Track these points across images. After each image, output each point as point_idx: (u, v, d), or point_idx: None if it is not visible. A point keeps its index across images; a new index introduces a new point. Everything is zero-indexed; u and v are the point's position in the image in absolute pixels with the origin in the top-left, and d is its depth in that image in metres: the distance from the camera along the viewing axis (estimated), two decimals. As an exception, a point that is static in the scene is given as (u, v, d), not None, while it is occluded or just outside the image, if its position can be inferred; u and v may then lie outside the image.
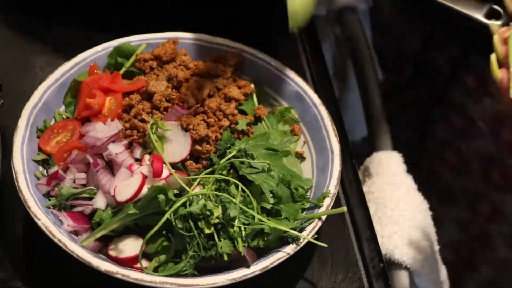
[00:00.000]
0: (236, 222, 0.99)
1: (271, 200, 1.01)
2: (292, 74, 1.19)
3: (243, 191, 1.02)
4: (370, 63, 1.45)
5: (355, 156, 1.22)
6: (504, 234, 1.35)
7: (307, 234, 1.00)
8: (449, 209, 1.43)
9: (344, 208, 1.05)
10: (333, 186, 1.06)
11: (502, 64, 0.95)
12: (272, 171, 1.04)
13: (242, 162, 1.04)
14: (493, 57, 0.96)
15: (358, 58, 1.43)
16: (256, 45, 1.22)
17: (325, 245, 1.02)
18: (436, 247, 1.25)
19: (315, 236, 1.01)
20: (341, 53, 1.56)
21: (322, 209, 1.03)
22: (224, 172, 1.04)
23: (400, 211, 1.20)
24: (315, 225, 1.02)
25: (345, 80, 1.58)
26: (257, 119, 1.14)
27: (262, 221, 0.99)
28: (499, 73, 0.94)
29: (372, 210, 1.18)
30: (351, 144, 1.22)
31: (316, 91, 1.21)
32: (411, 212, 1.21)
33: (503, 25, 1.12)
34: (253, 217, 1.00)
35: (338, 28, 1.50)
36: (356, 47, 1.47)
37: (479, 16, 1.14)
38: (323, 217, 1.02)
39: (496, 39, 0.97)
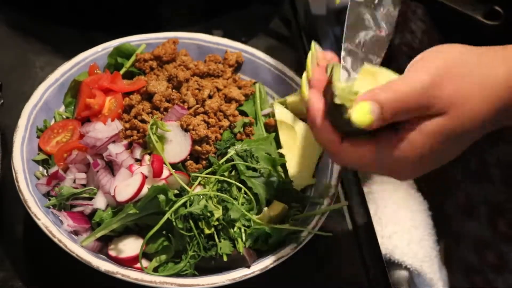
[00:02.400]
0: (237, 224, 1.00)
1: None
2: (292, 74, 1.19)
3: (245, 193, 1.02)
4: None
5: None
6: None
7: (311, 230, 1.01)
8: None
9: (345, 202, 1.05)
10: (333, 186, 1.06)
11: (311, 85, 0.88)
12: (273, 176, 1.05)
13: (247, 168, 1.04)
14: (304, 76, 0.91)
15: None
16: (256, 45, 1.23)
17: (330, 234, 1.02)
18: (436, 247, 1.25)
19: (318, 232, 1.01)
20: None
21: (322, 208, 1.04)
22: (226, 173, 1.04)
23: (400, 211, 1.20)
24: (318, 220, 1.02)
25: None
26: (266, 128, 1.14)
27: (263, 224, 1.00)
28: (306, 95, 0.88)
29: (372, 210, 1.18)
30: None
31: (316, 91, 1.21)
32: (411, 212, 1.21)
33: (502, 25, 1.12)
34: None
35: (338, 28, 1.50)
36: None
37: (479, 16, 1.14)
38: (325, 214, 1.03)
39: (310, 59, 0.91)
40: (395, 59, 1.47)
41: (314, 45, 0.95)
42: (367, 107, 0.79)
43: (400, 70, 1.35)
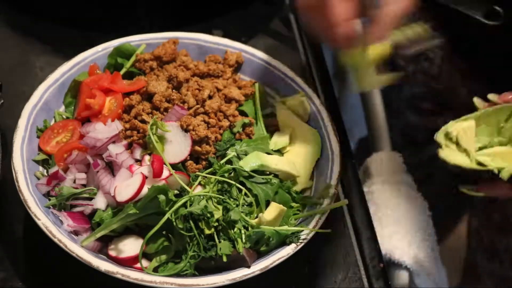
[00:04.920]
0: (237, 225, 1.00)
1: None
2: (292, 74, 1.19)
3: (245, 194, 1.02)
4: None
5: (355, 156, 1.22)
6: None
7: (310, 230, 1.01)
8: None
9: (346, 201, 1.06)
10: (333, 186, 1.06)
11: None
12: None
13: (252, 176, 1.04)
14: None
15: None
16: (256, 45, 1.23)
17: (329, 230, 1.02)
18: (436, 247, 1.25)
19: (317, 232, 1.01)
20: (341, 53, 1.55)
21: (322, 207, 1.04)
22: (226, 174, 1.04)
23: (400, 211, 1.20)
24: (318, 220, 1.02)
25: (345, 80, 1.58)
26: (267, 128, 1.14)
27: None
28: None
29: (372, 210, 1.18)
30: (351, 144, 1.22)
31: (316, 91, 1.21)
32: (411, 212, 1.21)
33: (502, 25, 1.12)
34: (255, 221, 1.01)
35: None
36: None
37: (479, 16, 1.14)
38: (325, 213, 1.03)
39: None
40: (410, 85, 1.47)
41: None
42: None
43: (414, 96, 1.37)
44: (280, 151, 1.12)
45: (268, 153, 1.09)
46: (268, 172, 1.06)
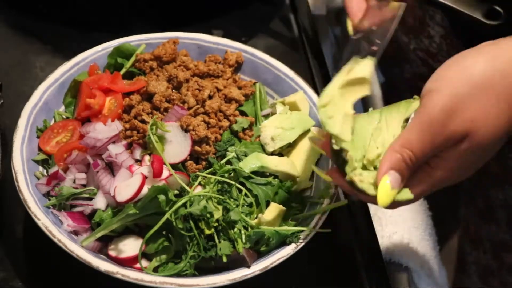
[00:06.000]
0: (237, 226, 1.00)
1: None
2: (292, 74, 1.19)
3: (245, 195, 1.02)
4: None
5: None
6: None
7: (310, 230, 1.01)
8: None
9: (346, 201, 1.06)
10: (333, 186, 1.06)
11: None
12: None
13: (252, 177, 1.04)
14: (315, 169, 0.97)
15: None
16: (256, 45, 1.23)
17: (329, 230, 1.02)
18: (436, 247, 1.25)
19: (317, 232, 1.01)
20: (341, 53, 1.56)
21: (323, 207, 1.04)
22: (226, 175, 1.04)
23: (400, 211, 1.20)
24: (318, 219, 1.02)
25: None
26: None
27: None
28: (328, 177, 0.93)
29: (372, 210, 1.18)
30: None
31: (316, 91, 1.21)
32: (411, 212, 1.21)
33: (502, 25, 1.12)
34: (255, 221, 1.01)
35: (338, 28, 1.50)
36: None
37: (479, 16, 1.14)
38: (326, 213, 1.03)
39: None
40: (411, 63, 1.47)
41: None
42: (385, 187, 0.84)
43: (415, 74, 1.37)
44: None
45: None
46: (268, 173, 1.06)
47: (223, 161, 1.04)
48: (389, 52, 1.49)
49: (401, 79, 1.52)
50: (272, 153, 1.10)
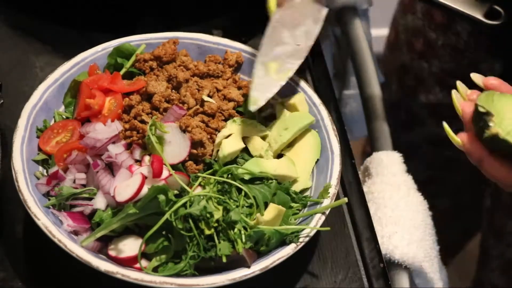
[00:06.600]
0: (237, 226, 1.00)
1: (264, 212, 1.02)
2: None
3: (245, 195, 1.02)
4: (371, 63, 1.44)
5: (355, 156, 1.22)
6: None
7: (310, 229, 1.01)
8: None
9: (345, 199, 1.05)
10: (333, 186, 1.06)
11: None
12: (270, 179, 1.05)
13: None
14: (446, 126, 0.96)
15: (358, 58, 1.43)
16: (256, 45, 1.22)
17: (328, 228, 1.02)
18: (436, 247, 1.25)
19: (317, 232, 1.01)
20: (341, 53, 1.56)
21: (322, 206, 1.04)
22: (225, 175, 1.04)
23: (400, 211, 1.20)
24: (318, 219, 1.02)
25: (345, 80, 1.58)
26: None
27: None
28: (458, 139, 0.94)
29: (372, 210, 1.18)
30: (351, 144, 1.22)
31: (316, 91, 1.21)
32: (411, 212, 1.21)
33: (502, 25, 1.12)
34: (255, 221, 1.01)
35: (338, 28, 1.50)
36: (356, 47, 1.47)
37: (479, 16, 1.14)
38: (326, 212, 1.03)
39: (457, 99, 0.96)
40: (439, 59, 1.47)
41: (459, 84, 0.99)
42: None
43: (443, 69, 1.38)
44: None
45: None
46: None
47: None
48: (418, 47, 1.51)
49: (429, 73, 1.52)
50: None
